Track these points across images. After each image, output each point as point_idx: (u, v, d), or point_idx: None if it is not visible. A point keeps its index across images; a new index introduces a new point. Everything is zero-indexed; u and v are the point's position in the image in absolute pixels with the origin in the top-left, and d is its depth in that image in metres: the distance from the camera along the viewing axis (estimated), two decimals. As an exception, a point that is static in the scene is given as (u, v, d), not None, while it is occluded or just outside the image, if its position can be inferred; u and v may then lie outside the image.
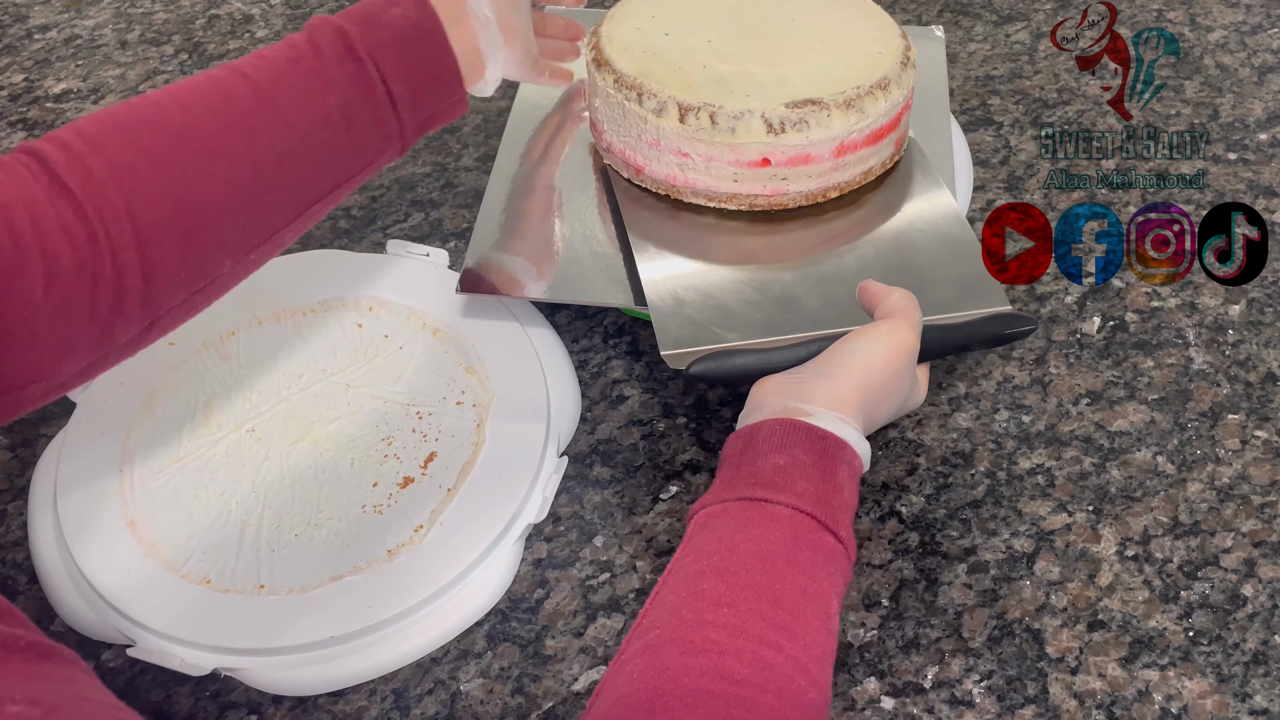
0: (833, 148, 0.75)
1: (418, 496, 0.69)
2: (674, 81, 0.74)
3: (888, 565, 0.69)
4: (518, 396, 0.73)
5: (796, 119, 0.72)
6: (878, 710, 0.63)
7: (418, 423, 0.72)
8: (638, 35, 0.79)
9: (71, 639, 0.67)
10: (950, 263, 0.73)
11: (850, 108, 0.73)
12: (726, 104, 0.73)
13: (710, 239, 0.77)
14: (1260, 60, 1.02)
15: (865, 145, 0.76)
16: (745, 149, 0.73)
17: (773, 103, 0.73)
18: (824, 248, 0.76)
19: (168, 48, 1.11)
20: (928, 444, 0.75)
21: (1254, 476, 0.72)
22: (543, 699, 0.64)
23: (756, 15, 0.80)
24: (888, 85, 0.75)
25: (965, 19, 1.08)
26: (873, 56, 0.77)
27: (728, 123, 0.73)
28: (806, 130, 0.73)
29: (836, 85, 0.74)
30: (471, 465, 0.70)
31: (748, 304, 0.71)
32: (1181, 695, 0.63)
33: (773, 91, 0.74)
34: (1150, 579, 0.68)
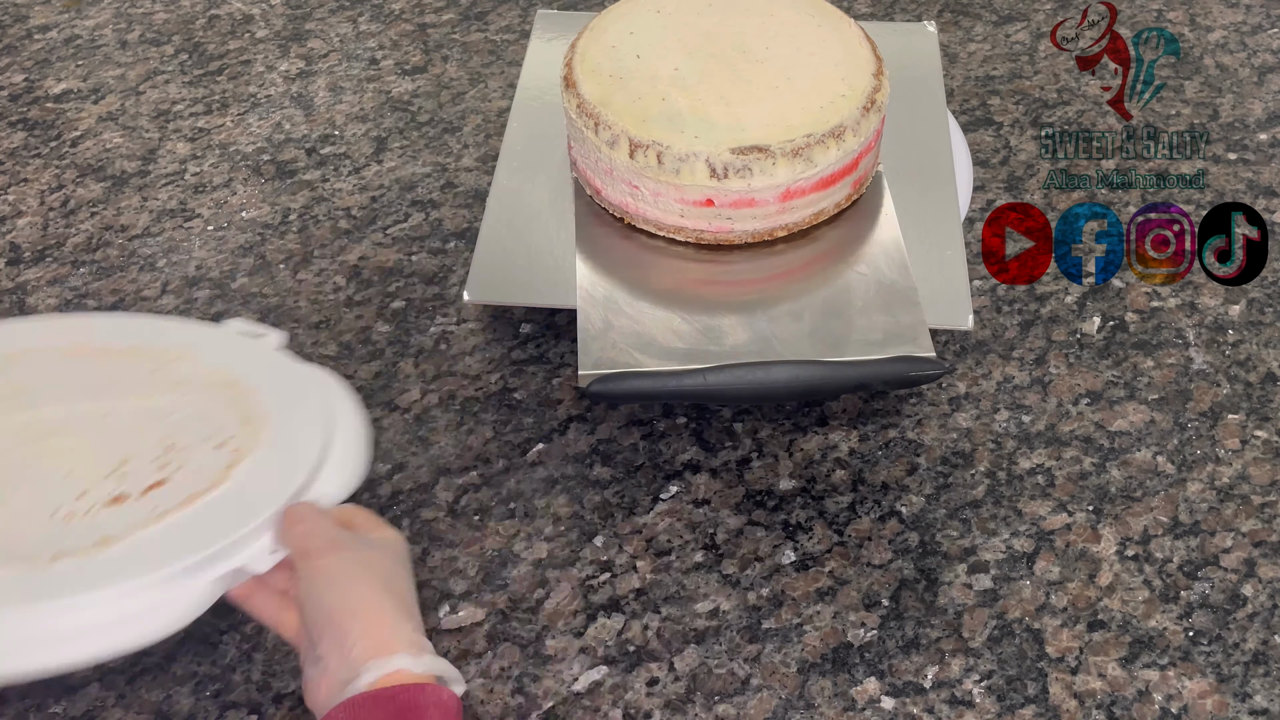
0: (777, 194, 0.74)
1: (121, 514, 0.60)
2: (630, 114, 0.74)
3: (888, 565, 0.69)
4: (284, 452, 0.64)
5: (740, 165, 0.72)
6: (878, 710, 0.63)
7: (162, 454, 0.64)
8: (610, 55, 0.78)
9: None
10: (883, 309, 0.72)
11: (797, 157, 0.72)
12: (674, 145, 0.72)
13: (657, 263, 0.77)
14: (1260, 60, 1.02)
15: (814, 190, 0.75)
16: (689, 189, 0.73)
17: (719, 147, 0.72)
18: (765, 284, 0.76)
19: (168, 48, 1.11)
20: (928, 444, 0.75)
21: (1254, 476, 0.72)
22: (543, 699, 0.64)
23: (732, 41, 0.78)
24: (842, 134, 0.74)
25: (965, 19, 1.08)
26: (833, 100, 0.75)
27: (673, 163, 0.72)
28: (749, 177, 0.72)
29: (787, 132, 0.73)
30: (198, 498, 0.61)
31: (673, 333, 0.71)
32: (1181, 695, 0.63)
33: (722, 134, 0.73)
34: (1150, 579, 0.68)
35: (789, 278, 0.76)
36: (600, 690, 0.64)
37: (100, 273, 0.89)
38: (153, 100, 1.05)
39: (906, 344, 0.70)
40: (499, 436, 0.76)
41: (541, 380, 0.79)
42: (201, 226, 0.92)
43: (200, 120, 1.02)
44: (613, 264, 0.77)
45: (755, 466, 0.74)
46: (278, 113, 1.02)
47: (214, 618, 0.67)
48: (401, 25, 1.12)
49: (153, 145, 1.00)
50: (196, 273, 0.88)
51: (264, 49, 1.10)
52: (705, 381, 0.67)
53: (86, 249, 0.91)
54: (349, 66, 1.07)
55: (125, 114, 1.03)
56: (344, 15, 1.13)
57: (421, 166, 0.96)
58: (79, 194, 0.96)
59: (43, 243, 0.92)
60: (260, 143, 0.99)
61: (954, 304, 0.73)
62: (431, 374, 0.80)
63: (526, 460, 0.75)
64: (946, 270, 0.75)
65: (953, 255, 0.76)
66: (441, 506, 0.73)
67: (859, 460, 0.74)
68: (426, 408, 0.78)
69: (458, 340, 0.83)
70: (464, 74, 1.05)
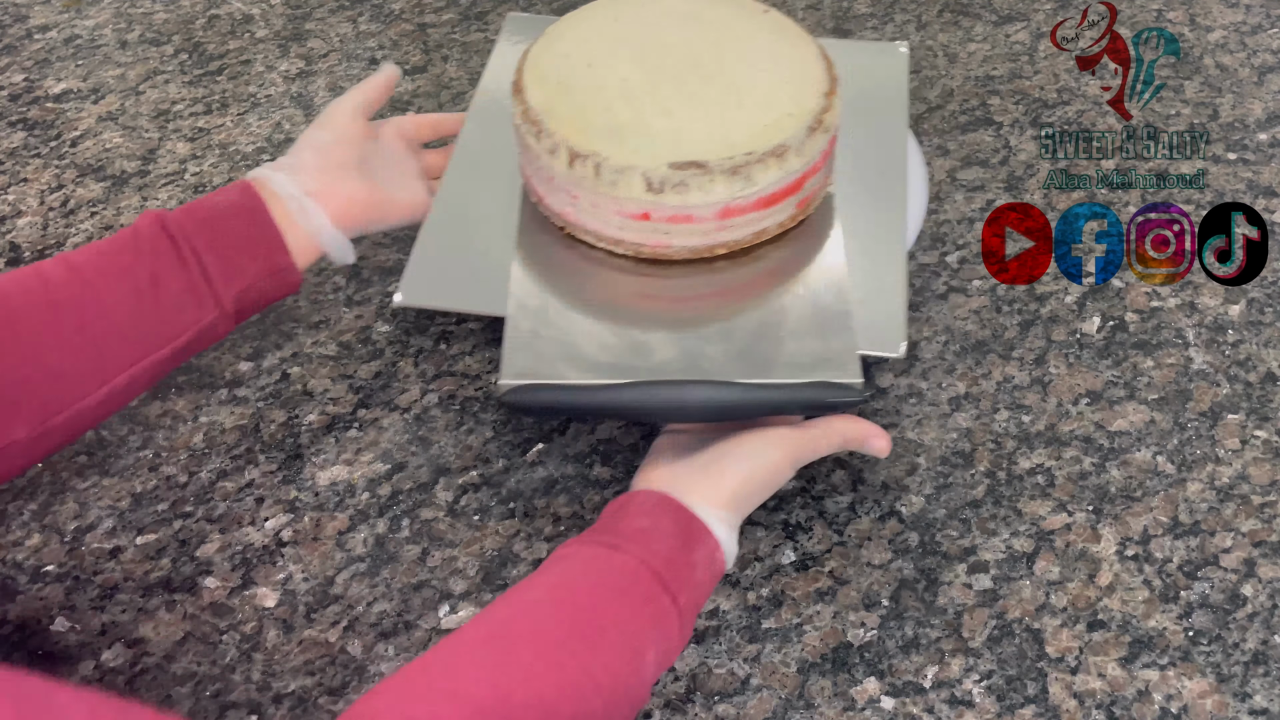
0: (715, 211, 0.72)
1: None
2: (572, 124, 0.73)
3: (888, 565, 0.69)
4: None
5: (677, 180, 0.70)
6: (878, 710, 0.63)
7: None
8: (562, 62, 0.77)
9: (71, 638, 0.67)
10: (815, 333, 0.71)
11: (736, 175, 0.71)
12: (612, 156, 0.71)
13: (595, 274, 0.76)
14: (1260, 60, 1.02)
15: (754, 210, 0.73)
16: (626, 202, 0.72)
17: (657, 161, 0.71)
18: (702, 301, 0.75)
19: (168, 48, 1.11)
20: (928, 444, 0.75)
21: (1254, 476, 0.72)
22: (543, 699, 0.64)
23: (685, 53, 0.77)
24: (784, 154, 0.72)
25: (965, 19, 1.09)
26: (778, 119, 0.73)
27: (610, 175, 0.71)
28: (686, 193, 0.71)
29: (727, 149, 0.71)
30: None
31: (601, 346, 0.71)
32: (1181, 695, 0.63)
33: (661, 148, 0.71)
34: (1150, 579, 0.68)
35: (727, 296, 0.75)
36: (600, 690, 0.64)
37: (100, 273, 0.89)
38: (153, 100, 1.05)
39: (834, 369, 0.68)
40: (499, 436, 0.77)
41: (541, 380, 0.79)
42: (201, 226, 0.92)
43: (200, 120, 1.02)
44: (550, 273, 0.76)
45: (755, 466, 0.74)
46: (278, 113, 1.02)
47: (214, 617, 0.68)
48: (401, 25, 1.12)
49: (153, 145, 1.00)
50: (196, 273, 0.88)
51: (264, 49, 1.10)
52: (621, 398, 0.66)
53: (86, 249, 0.91)
54: (349, 66, 1.07)
55: (125, 114, 1.04)
56: (344, 15, 1.13)
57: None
58: (79, 194, 0.96)
59: (43, 243, 0.92)
60: (260, 143, 0.99)
61: (888, 331, 0.71)
62: (431, 374, 0.80)
63: (526, 460, 0.75)
64: (885, 296, 0.74)
65: (893, 282, 0.74)
66: (441, 506, 0.73)
67: (859, 460, 0.74)
68: (426, 408, 0.78)
69: (458, 340, 0.83)
70: (464, 74, 1.05)
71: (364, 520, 0.72)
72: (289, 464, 0.76)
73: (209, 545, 0.71)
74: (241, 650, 0.66)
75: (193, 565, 0.70)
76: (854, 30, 1.07)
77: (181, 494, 0.74)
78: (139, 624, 0.68)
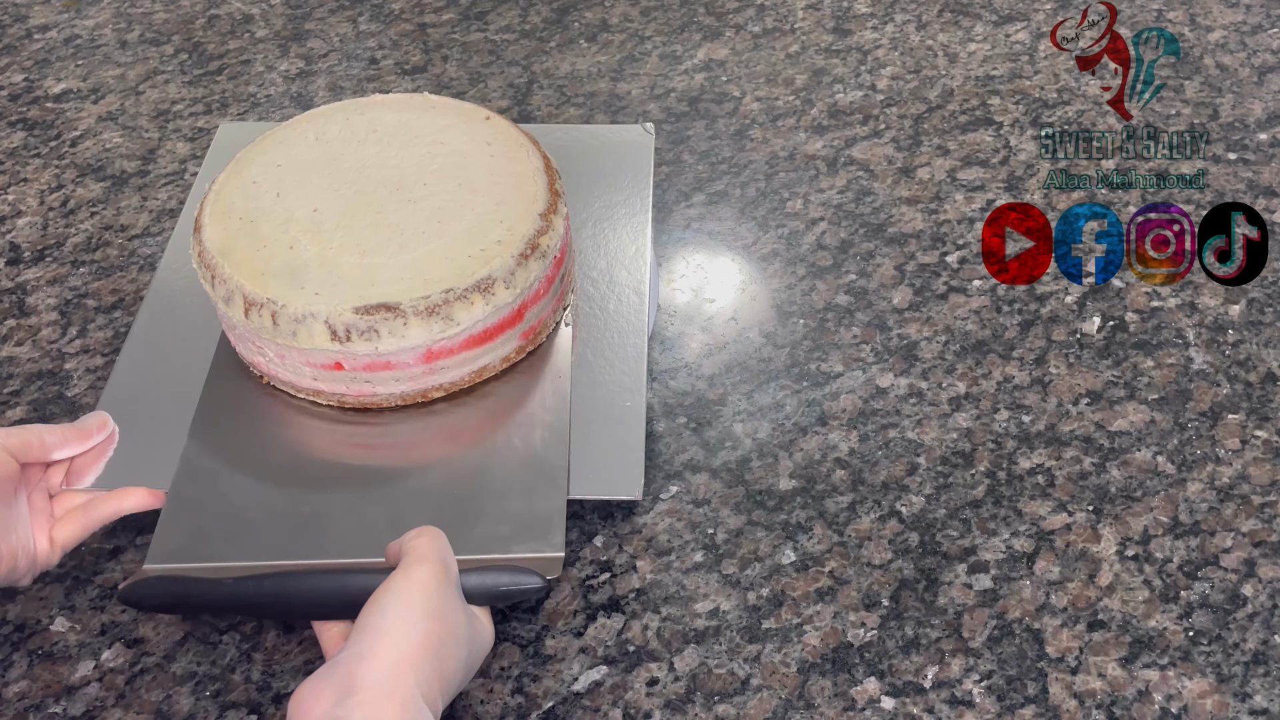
0: (418, 356, 0.66)
1: None
2: (249, 266, 0.66)
3: (888, 565, 0.69)
4: None
5: (365, 326, 0.63)
6: (878, 710, 0.63)
7: None
8: (249, 191, 0.70)
9: (71, 638, 0.67)
10: (522, 493, 0.65)
11: (434, 315, 0.64)
12: (290, 303, 0.64)
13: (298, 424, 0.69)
14: (1260, 60, 1.02)
15: (465, 349, 0.67)
16: (312, 353, 0.65)
17: (341, 306, 0.64)
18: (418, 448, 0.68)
19: (168, 48, 1.11)
20: (928, 444, 0.75)
21: (1254, 476, 0.72)
22: (543, 699, 0.64)
23: (387, 177, 0.71)
24: (491, 287, 0.65)
25: (965, 19, 1.08)
26: (485, 248, 0.66)
27: (289, 325, 0.64)
28: (376, 340, 0.64)
29: (423, 288, 0.64)
30: None
31: (273, 519, 0.64)
32: (1181, 695, 0.63)
33: (348, 290, 0.64)
34: (1150, 579, 0.68)
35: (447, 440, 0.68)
36: (600, 690, 0.64)
37: (100, 272, 0.89)
38: (152, 100, 1.05)
39: (537, 539, 0.62)
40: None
41: (541, 380, 0.79)
42: (201, 226, 0.92)
43: (200, 120, 1.02)
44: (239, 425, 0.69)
45: (755, 466, 0.74)
46: (278, 113, 1.02)
47: (214, 617, 0.67)
48: (401, 25, 1.12)
49: (153, 145, 1.00)
50: (196, 273, 0.88)
51: (264, 49, 1.10)
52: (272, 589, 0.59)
53: (86, 249, 0.91)
54: (349, 66, 1.07)
55: (125, 114, 1.04)
56: (344, 15, 1.13)
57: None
58: (79, 194, 0.96)
59: (42, 242, 0.92)
60: (260, 143, 0.99)
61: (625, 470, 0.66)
62: (431, 374, 0.80)
63: (526, 460, 0.75)
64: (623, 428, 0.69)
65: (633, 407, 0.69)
66: (441, 506, 0.73)
67: (859, 460, 0.74)
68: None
69: (458, 340, 0.83)
70: (464, 74, 1.05)
71: (364, 520, 0.72)
72: (289, 464, 0.76)
73: (209, 545, 0.71)
74: (241, 650, 0.66)
75: (193, 565, 0.70)
76: (854, 30, 1.07)
77: (181, 494, 0.74)
78: (139, 624, 0.68)
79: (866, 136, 0.97)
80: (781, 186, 0.93)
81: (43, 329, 0.85)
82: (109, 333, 0.84)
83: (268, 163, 0.72)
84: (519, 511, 0.64)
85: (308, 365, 0.67)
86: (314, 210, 0.68)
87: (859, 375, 0.79)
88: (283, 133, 0.74)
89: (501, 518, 0.64)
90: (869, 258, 0.87)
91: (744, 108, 1.00)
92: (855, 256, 0.87)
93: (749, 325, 0.82)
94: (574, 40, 1.09)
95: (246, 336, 0.67)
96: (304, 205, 0.69)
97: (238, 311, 0.66)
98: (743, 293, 0.85)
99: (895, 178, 0.93)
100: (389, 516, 0.64)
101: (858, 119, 0.98)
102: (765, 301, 0.84)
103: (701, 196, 0.92)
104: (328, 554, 0.62)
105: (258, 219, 0.68)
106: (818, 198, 0.92)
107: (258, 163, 0.72)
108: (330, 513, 0.64)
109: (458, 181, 0.71)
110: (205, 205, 0.70)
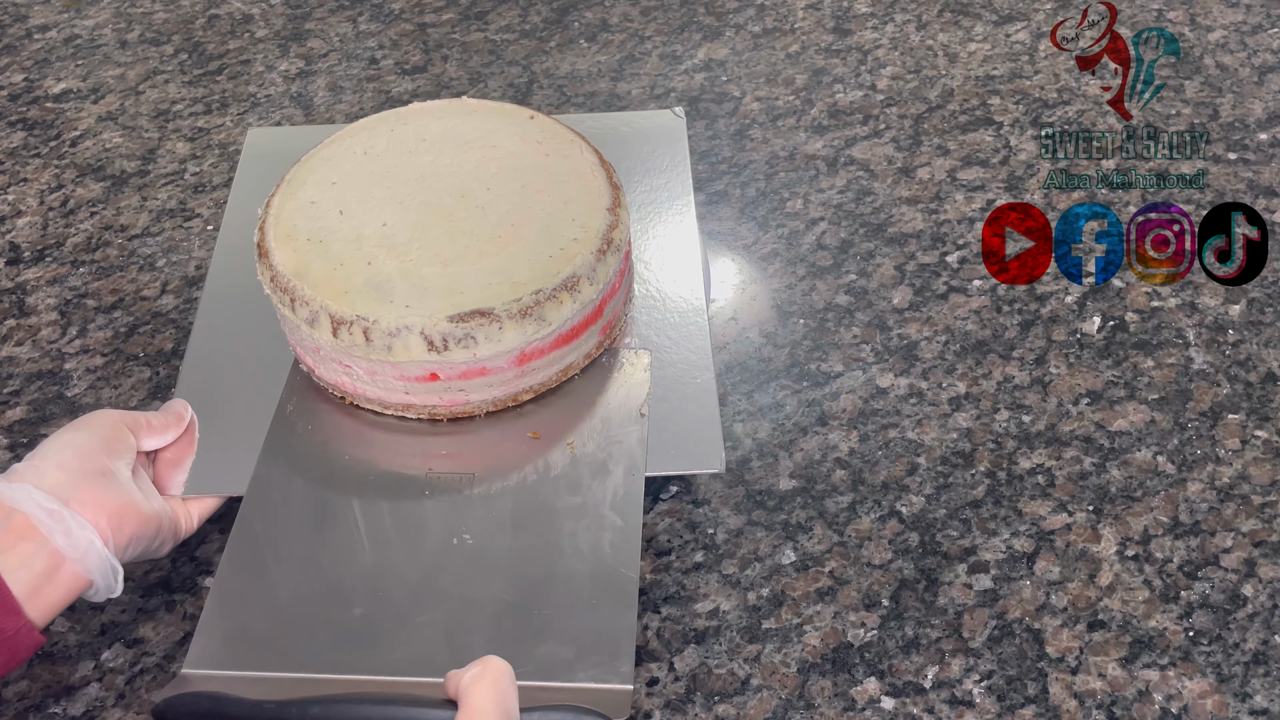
0: (512, 359, 0.65)
1: None
2: (329, 286, 0.64)
3: (888, 565, 0.69)
4: None
5: (461, 334, 0.63)
6: (878, 710, 0.63)
7: None
8: (309, 212, 0.69)
9: (71, 638, 0.67)
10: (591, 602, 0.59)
11: (527, 317, 0.64)
12: (382, 318, 0.63)
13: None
14: (1260, 60, 1.02)
15: (555, 349, 0.67)
16: (408, 366, 0.64)
17: (435, 315, 0.63)
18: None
19: (168, 48, 1.11)
20: (928, 444, 0.75)
21: (1254, 476, 0.72)
22: (543, 699, 0.64)
23: (449, 184, 0.70)
24: (576, 284, 0.65)
25: (965, 19, 1.09)
26: (564, 247, 0.66)
27: (383, 339, 0.63)
28: (474, 346, 0.63)
29: (511, 291, 0.64)
30: None
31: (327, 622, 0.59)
32: (1181, 695, 0.63)
33: (438, 300, 0.64)
34: (1150, 579, 0.68)
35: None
36: (600, 690, 0.64)
37: (100, 272, 0.89)
38: (152, 100, 1.05)
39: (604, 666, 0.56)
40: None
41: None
42: (201, 226, 0.92)
43: (200, 120, 1.02)
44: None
45: (755, 466, 0.74)
46: (277, 113, 1.02)
47: (214, 618, 0.67)
48: (401, 25, 1.12)
49: (152, 145, 1.00)
50: (196, 273, 0.88)
51: (264, 49, 1.10)
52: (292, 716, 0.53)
53: (86, 249, 0.91)
54: (349, 66, 1.07)
55: (125, 114, 1.04)
56: (344, 15, 1.13)
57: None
58: (79, 194, 0.96)
59: (42, 242, 0.92)
60: (260, 142, 0.99)
61: (704, 444, 0.66)
62: (431, 374, 0.80)
63: (526, 460, 0.75)
64: (697, 404, 0.68)
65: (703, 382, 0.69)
66: (441, 506, 0.73)
67: (859, 460, 0.74)
68: (426, 408, 0.78)
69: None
70: (464, 74, 1.05)
71: (364, 520, 0.72)
72: (289, 464, 0.76)
73: (209, 545, 0.71)
74: (241, 650, 0.66)
75: (193, 565, 0.70)
76: (854, 30, 1.07)
77: (181, 494, 0.74)
78: (139, 624, 0.68)
79: (866, 136, 0.97)
80: (781, 186, 0.93)
81: (43, 329, 0.85)
82: (109, 333, 0.84)
83: (321, 181, 0.71)
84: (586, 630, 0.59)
85: (400, 379, 0.65)
86: (383, 225, 0.67)
87: (859, 375, 0.79)
88: (327, 150, 0.73)
89: (567, 636, 0.59)
90: (869, 258, 0.87)
91: (744, 108, 1.00)
92: (855, 256, 0.87)
93: (749, 325, 0.82)
94: (574, 40, 1.09)
95: (333, 357, 0.66)
96: (371, 221, 0.68)
97: (324, 332, 0.64)
98: (743, 293, 0.85)
99: (895, 178, 0.93)
100: (445, 627, 0.59)
101: (858, 119, 0.98)
102: (765, 301, 0.84)
103: (701, 196, 0.92)
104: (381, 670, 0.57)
105: (326, 239, 0.67)
106: (818, 198, 0.92)
107: (310, 182, 0.71)
108: (383, 620, 0.60)
109: (520, 183, 0.70)
110: (266, 230, 0.69)
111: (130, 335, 0.84)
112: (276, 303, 0.67)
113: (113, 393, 0.80)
